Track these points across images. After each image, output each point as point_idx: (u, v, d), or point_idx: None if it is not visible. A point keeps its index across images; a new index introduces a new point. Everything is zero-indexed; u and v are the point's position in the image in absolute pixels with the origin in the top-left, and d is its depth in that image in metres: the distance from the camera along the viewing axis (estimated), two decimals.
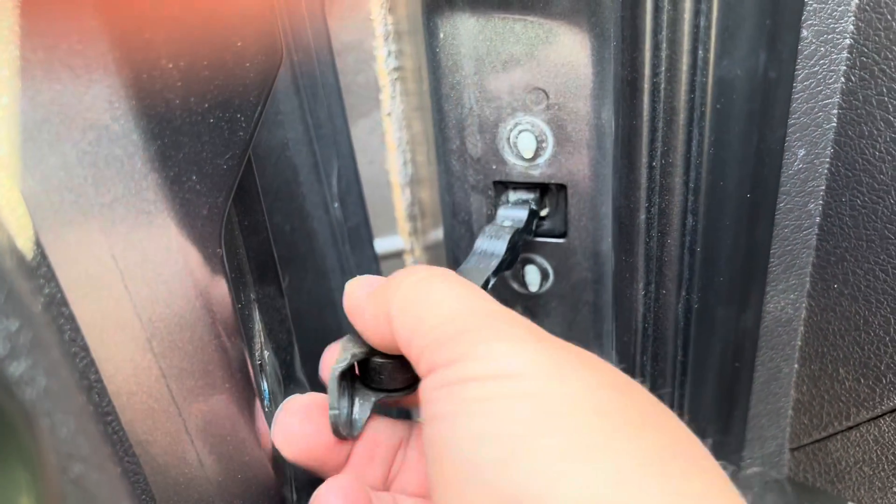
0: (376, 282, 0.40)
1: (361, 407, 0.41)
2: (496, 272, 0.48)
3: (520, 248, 0.51)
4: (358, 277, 0.41)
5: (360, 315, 0.39)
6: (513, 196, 0.55)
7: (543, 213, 0.56)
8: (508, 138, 0.52)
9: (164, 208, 0.32)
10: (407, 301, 0.36)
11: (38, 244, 0.29)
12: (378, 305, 0.37)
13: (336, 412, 0.40)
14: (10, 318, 0.22)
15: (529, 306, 0.59)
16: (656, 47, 0.38)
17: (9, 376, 0.21)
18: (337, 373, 0.39)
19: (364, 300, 0.39)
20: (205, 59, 0.33)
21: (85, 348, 0.31)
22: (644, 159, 0.41)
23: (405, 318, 0.35)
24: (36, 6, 0.27)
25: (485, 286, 0.47)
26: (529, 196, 0.55)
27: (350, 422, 0.41)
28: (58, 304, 0.29)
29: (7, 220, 0.27)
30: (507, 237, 0.50)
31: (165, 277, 0.33)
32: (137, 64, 0.30)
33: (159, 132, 0.32)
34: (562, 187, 0.53)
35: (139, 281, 0.33)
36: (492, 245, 0.50)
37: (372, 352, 0.40)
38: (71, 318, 0.30)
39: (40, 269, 0.29)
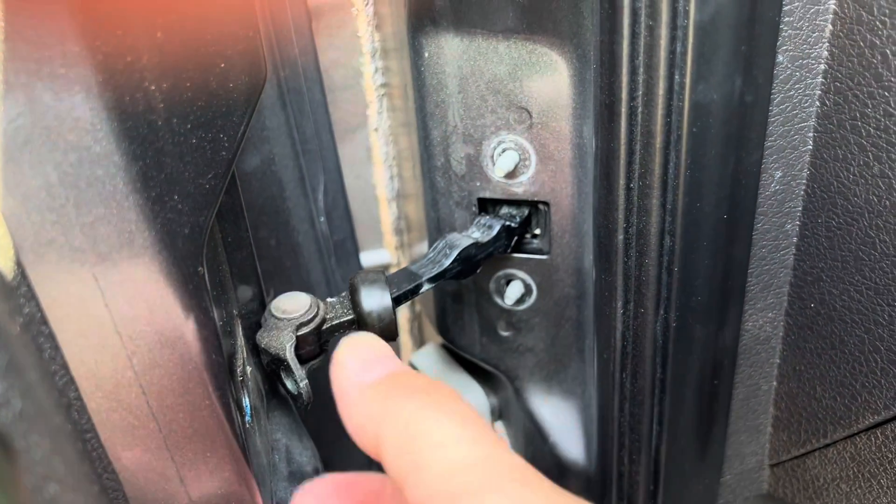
0: (375, 362, 0.36)
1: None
2: (434, 279, 0.50)
3: (479, 261, 0.52)
4: (354, 340, 0.37)
5: (346, 406, 0.35)
6: (503, 211, 0.56)
7: (536, 232, 0.56)
8: (492, 156, 0.53)
9: (146, 228, 0.33)
10: (404, 438, 0.32)
11: (18, 264, 0.29)
12: (369, 417, 0.33)
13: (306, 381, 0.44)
14: None
15: (513, 322, 0.60)
16: (633, 72, 0.38)
17: None
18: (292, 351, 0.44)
19: (354, 392, 0.34)
20: (188, 81, 0.34)
21: (64, 366, 0.31)
22: (622, 181, 0.42)
23: (401, 460, 0.31)
24: (18, 29, 0.28)
25: (416, 290, 0.49)
26: (514, 212, 0.55)
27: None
28: (37, 324, 0.30)
29: None
30: (459, 248, 0.51)
31: (146, 296, 0.34)
32: (120, 87, 0.31)
33: (141, 153, 0.32)
34: (545, 204, 0.54)
35: (120, 299, 0.33)
36: (442, 254, 0.51)
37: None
38: (51, 337, 0.31)
39: (20, 289, 0.29)
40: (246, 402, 0.44)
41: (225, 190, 0.43)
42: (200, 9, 0.34)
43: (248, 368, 0.47)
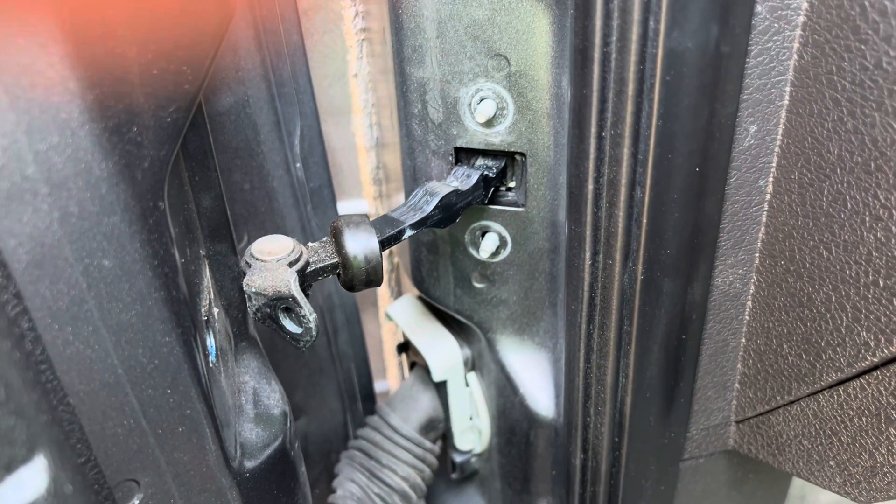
0: None
1: None
2: (416, 225, 0.50)
3: (459, 209, 0.52)
4: None
5: None
6: (479, 163, 0.56)
7: (511, 184, 0.56)
8: (469, 104, 0.52)
9: (102, 159, 0.32)
10: None
11: None
12: None
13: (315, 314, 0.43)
14: None
15: (487, 274, 0.60)
16: (607, 16, 0.38)
17: None
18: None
19: None
20: (149, 9, 0.33)
21: (17, 296, 0.31)
22: (593, 129, 0.42)
23: None
24: None
25: (399, 235, 0.49)
26: (491, 163, 0.55)
27: None
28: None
29: None
30: (440, 196, 0.50)
31: (103, 228, 0.33)
32: (76, 9, 0.30)
33: (97, 80, 0.31)
34: (521, 155, 0.53)
35: (76, 230, 0.33)
36: (423, 201, 0.51)
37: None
38: (3, 265, 0.30)
39: None
40: (211, 342, 0.44)
41: (192, 128, 0.42)
42: None
43: (216, 310, 0.47)
